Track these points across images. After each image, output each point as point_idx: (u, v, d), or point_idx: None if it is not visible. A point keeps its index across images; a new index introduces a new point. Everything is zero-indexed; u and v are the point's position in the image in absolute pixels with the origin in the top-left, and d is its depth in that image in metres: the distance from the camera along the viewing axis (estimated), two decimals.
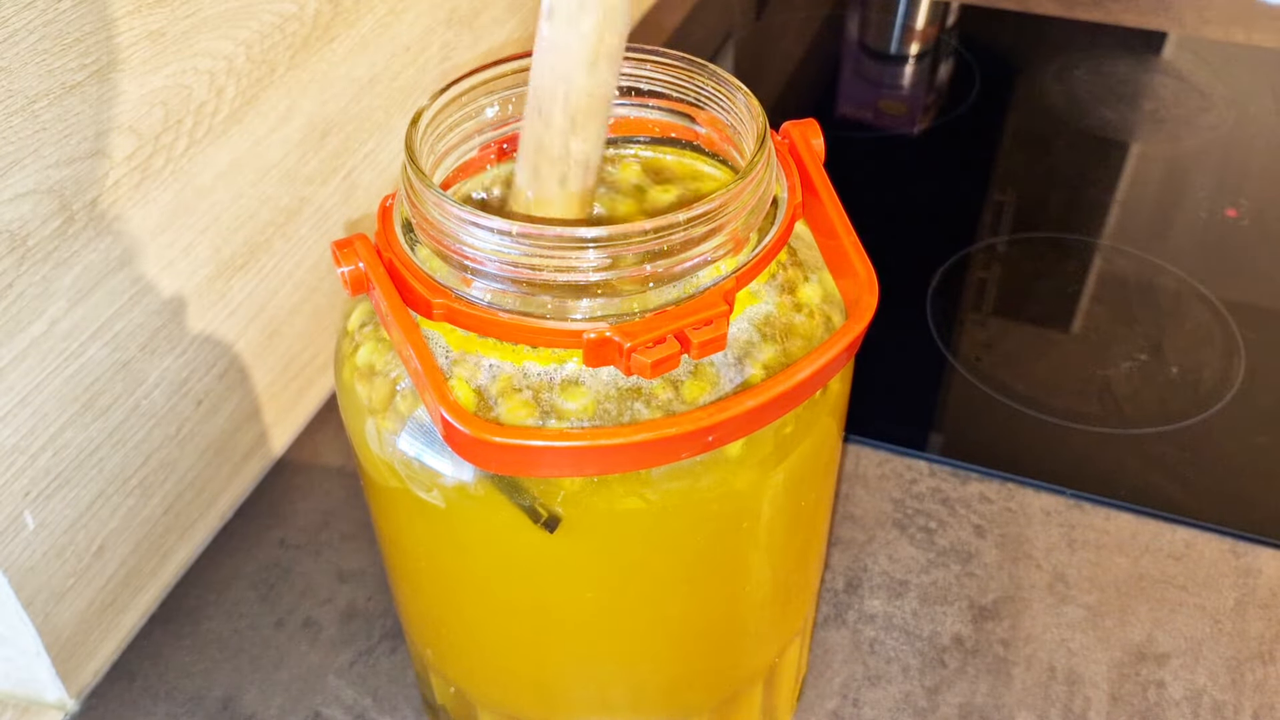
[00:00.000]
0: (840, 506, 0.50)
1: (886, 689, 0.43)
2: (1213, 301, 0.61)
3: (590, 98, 0.29)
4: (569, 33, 0.28)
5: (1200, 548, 0.48)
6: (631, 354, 0.27)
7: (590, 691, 0.35)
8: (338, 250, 0.29)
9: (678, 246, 0.27)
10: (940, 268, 0.64)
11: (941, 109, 0.80)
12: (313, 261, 0.52)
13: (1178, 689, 0.43)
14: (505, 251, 0.27)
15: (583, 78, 0.28)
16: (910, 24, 0.88)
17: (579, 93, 0.29)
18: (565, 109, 0.29)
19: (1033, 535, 0.49)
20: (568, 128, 0.29)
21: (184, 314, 0.45)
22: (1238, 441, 0.53)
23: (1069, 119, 0.77)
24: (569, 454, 0.27)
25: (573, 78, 0.28)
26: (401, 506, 0.32)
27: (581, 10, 0.28)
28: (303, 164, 0.49)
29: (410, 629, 0.38)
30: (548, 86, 0.29)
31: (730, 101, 0.31)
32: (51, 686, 0.43)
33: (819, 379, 0.28)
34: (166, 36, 0.40)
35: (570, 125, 0.29)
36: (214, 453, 0.49)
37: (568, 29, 0.28)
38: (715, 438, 0.27)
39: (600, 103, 0.29)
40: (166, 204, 0.42)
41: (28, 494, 0.39)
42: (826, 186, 0.32)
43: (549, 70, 0.29)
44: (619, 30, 0.28)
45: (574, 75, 0.28)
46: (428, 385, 0.27)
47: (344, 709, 0.43)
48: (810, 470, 0.32)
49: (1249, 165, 0.73)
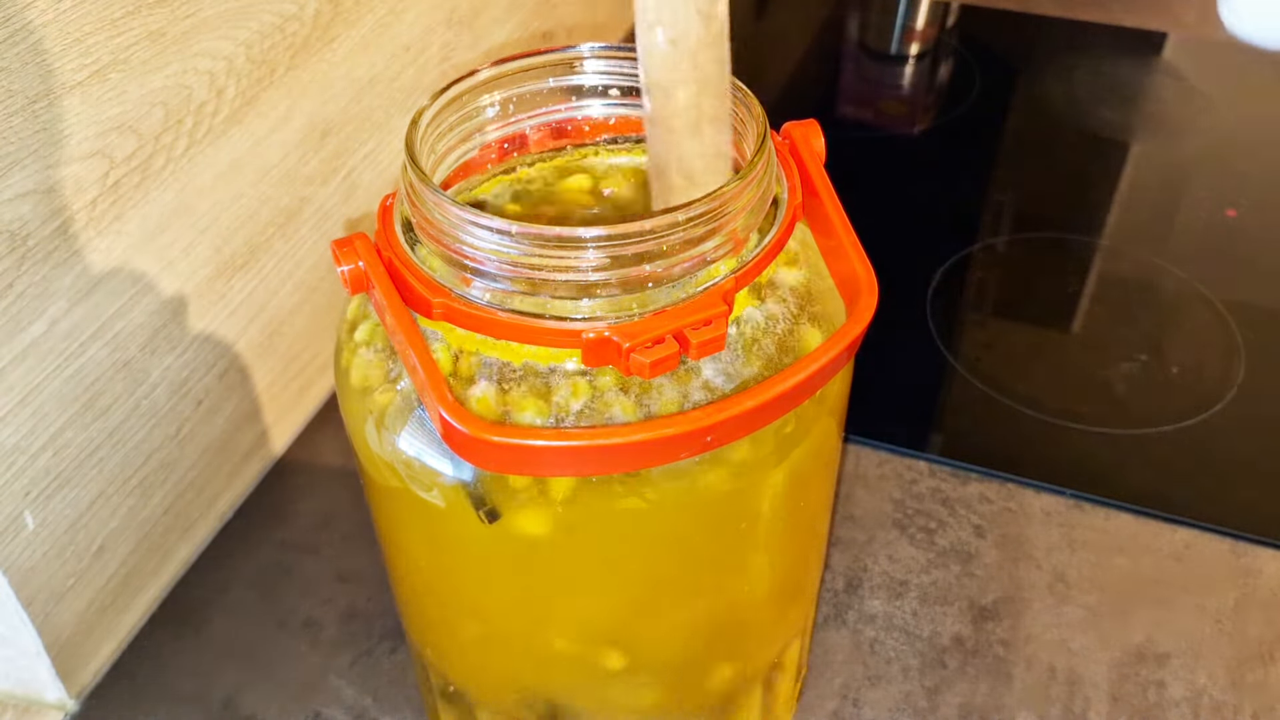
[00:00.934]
0: (840, 506, 0.50)
1: (886, 689, 0.43)
2: (1213, 301, 0.61)
3: (702, 158, 0.30)
4: (667, 107, 0.29)
5: (1200, 548, 0.48)
6: (630, 354, 0.27)
7: (589, 691, 0.35)
8: (338, 249, 0.29)
9: (677, 246, 0.27)
10: (940, 268, 0.64)
11: (941, 109, 0.80)
12: (313, 261, 0.52)
13: (1178, 689, 0.43)
14: (505, 251, 0.27)
15: (689, 144, 0.30)
16: (910, 24, 0.88)
17: (690, 156, 0.30)
18: (680, 171, 0.30)
19: (1033, 535, 0.49)
20: (688, 186, 0.30)
21: (184, 314, 0.45)
22: (1238, 441, 0.53)
23: (1069, 119, 0.77)
24: (568, 454, 0.27)
25: (680, 145, 0.30)
26: (402, 506, 0.32)
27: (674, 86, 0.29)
28: (303, 164, 0.49)
29: (410, 629, 0.38)
30: (661, 154, 0.30)
31: (730, 101, 0.31)
32: (51, 686, 0.43)
33: (818, 379, 0.28)
34: (167, 37, 0.40)
35: (690, 184, 0.30)
36: (214, 453, 0.49)
37: (665, 104, 0.29)
38: (714, 438, 0.27)
39: (714, 159, 0.30)
40: (167, 204, 0.42)
41: (28, 494, 0.39)
42: (827, 187, 0.32)
43: (658, 141, 0.30)
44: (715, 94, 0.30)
45: (681, 144, 0.30)
46: (427, 385, 0.27)
47: (344, 709, 0.43)
48: (810, 470, 0.32)
49: (1249, 165, 0.73)
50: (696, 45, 0.28)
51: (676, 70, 0.29)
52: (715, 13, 0.28)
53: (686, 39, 0.28)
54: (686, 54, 0.28)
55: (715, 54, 0.29)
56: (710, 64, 0.29)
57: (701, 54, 0.29)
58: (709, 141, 0.30)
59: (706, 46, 0.29)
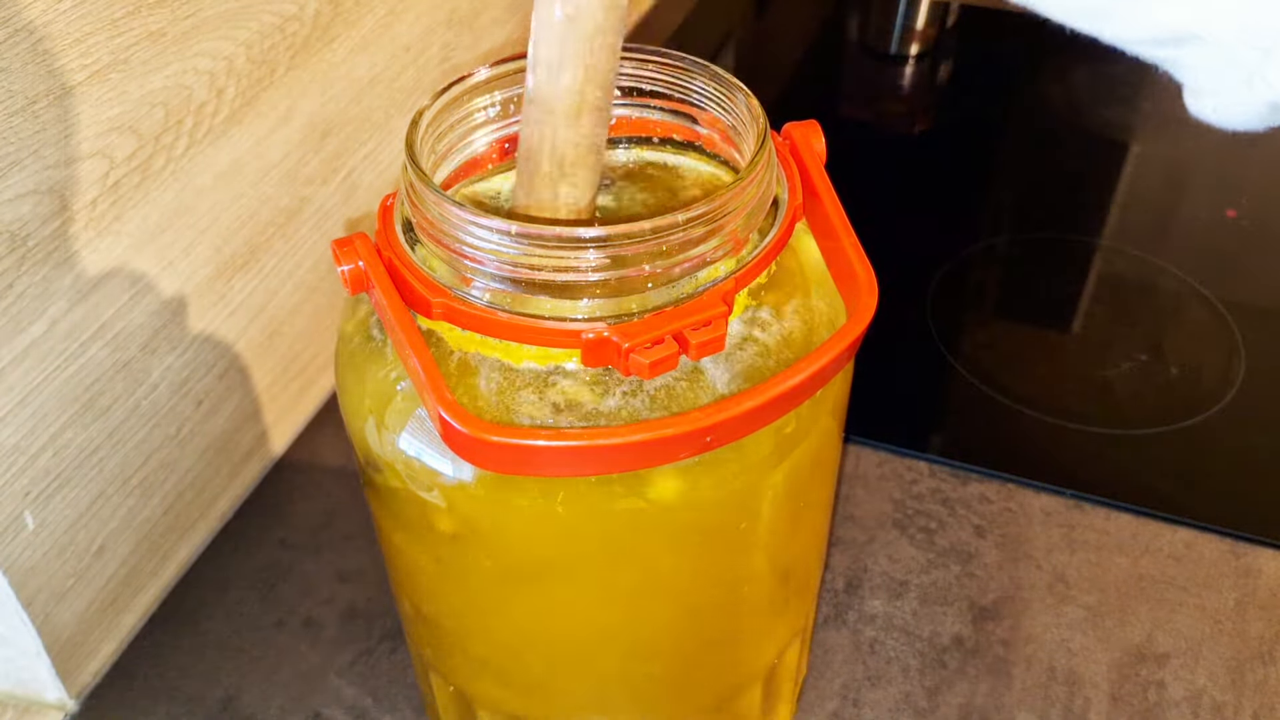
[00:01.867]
0: (840, 506, 0.50)
1: (886, 689, 0.43)
2: (1213, 301, 0.61)
3: (576, 148, 0.29)
4: (551, 86, 0.29)
5: (1200, 548, 0.48)
6: (630, 354, 0.27)
7: (588, 691, 0.35)
8: (338, 249, 0.30)
9: (677, 247, 0.27)
10: (940, 268, 0.64)
11: (941, 109, 0.80)
12: (313, 262, 0.52)
13: (1178, 689, 0.43)
14: (504, 251, 0.27)
15: (566, 130, 0.29)
16: (910, 24, 0.88)
17: (564, 143, 0.29)
18: (552, 157, 0.29)
19: (1033, 535, 0.49)
20: (556, 174, 0.30)
21: (184, 314, 0.45)
22: (1238, 441, 0.53)
23: (1069, 119, 0.77)
24: (566, 454, 0.27)
25: (557, 129, 0.29)
26: (402, 506, 0.32)
27: (562, 65, 0.28)
28: (303, 164, 0.49)
29: (410, 629, 0.38)
30: (534, 136, 0.30)
31: (731, 102, 0.31)
32: (51, 686, 0.43)
33: (817, 381, 0.28)
34: (167, 37, 0.40)
35: (559, 172, 0.29)
36: (214, 453, 0.49)
37: (550, 83, 0.29)
38: (713, 439, 0.27)
39: (586, 152, 0.30)
40: (167, 204, 0.42)
41: (28, 494, 0.39)
42: (827, 188, 0.32)
43: (534, 122, 0.29)
44: (601, 83, 0.29)
45: (558, 127, 0.29)
46: (426, 384, 0.27)
47: (344, 709, 0.43)
48: (810, 470, 0.32)
49: (1249, 165, 0.73)
50: (593, 28, 0.28)
51: (567, 48, 0.28)
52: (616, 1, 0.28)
53: (583, 18, 0.28)
54: (581, 35, 0.28)
55: (610, 41, 0.28)
56: (603, 50, 0.28)
57: (597, 38, 0.28)
58: (586, 130, 0.29)
59: (603, 31, 0.28)
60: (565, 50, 0.28)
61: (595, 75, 0.29)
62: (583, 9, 0.28)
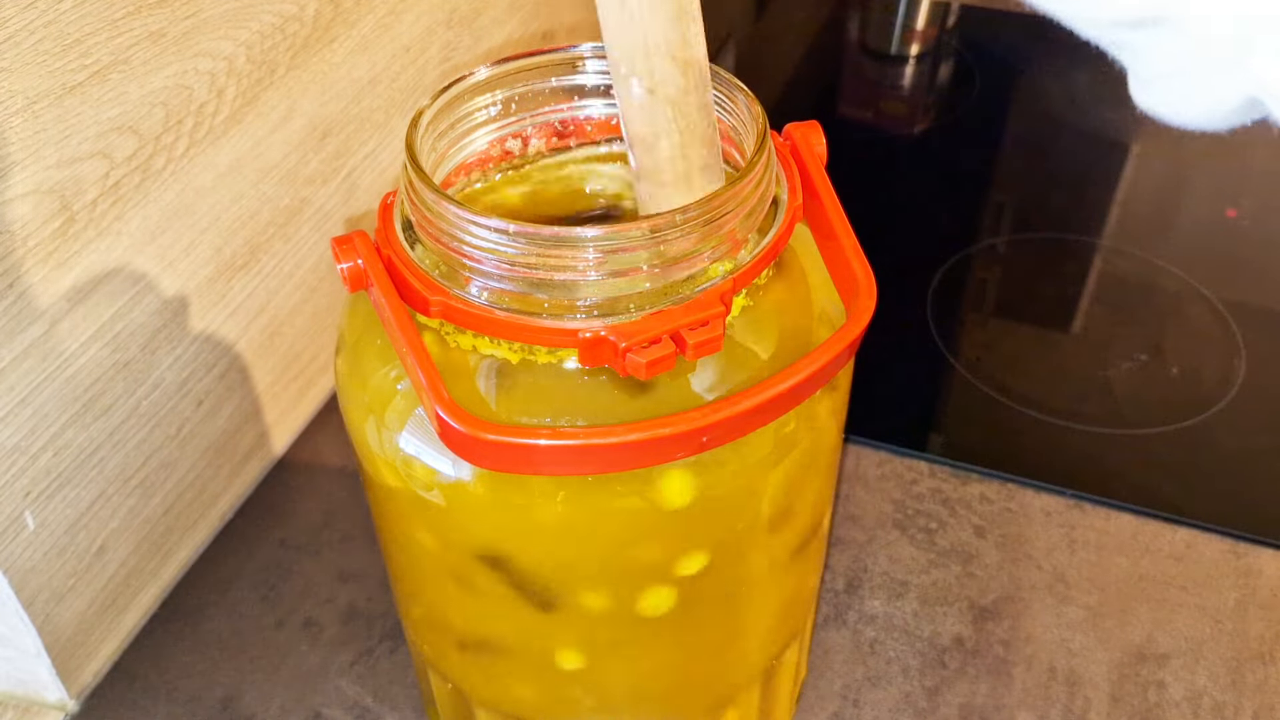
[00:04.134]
0: (840, 506, 0.50)
1: (887, 689, 0.43)
2: (1213, 301, 0.61)
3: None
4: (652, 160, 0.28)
5: (1200, 548, 0.48)
6: (627, 354, 0.27)
7: (587, 691, 0.35)
8: (337, 246, 0.30)
9: (674, 247, 0.27)
10: (940, 268, 0.64)
11: (941, 109, 0.80)
12: (313, 262, 0.52)
13: (1178, 689, 0.43)
14: (502, 250, 0.27)
15: (680, 198, 0.29)
16: (910, 24, 0.88)
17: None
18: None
19: (1033, 535, 0.49)
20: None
21: (185, 314, 0.45)
22: (1238, 441, 0.53)
23: (1069, 119, 0.77)
24: (563, 453, 0.27)
25: (672, 200, 0.29)
26: (402, 506, 0.32)
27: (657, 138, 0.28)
28: (303, 164, 0.49)
29: (409, 627, 0.38)
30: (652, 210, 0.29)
31: (731, 102, 0.31)
32: (52, 687, 0.43)
33: (814, 382, 0.28)
34: (167, 37, 0.40)
35: None
36: (214, 453, 0.49)
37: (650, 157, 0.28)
38: (710, 439, 0.27)
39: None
40: (167, 204, 0.42)
41: (28, 494, 0.39)
42: (827, 189, 0.32)
43: (649, 198, 0.29)
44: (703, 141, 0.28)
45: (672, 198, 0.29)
46: (424, 383, 0.27)
47: (344, 709, 0.43)
48: (810, 470, 0.32)
49: (1249, 165, 0.73)
50: (676, 93, 0.27)
51: (658, 121, 0.28)
52: (692, 58, 0.27)
53: (665, 87, 0.27)
54: (666, 102, 0.27)
55: (697, 100, 0.28)
56: (694, 111, 0.28)
57: (683, 101, 0.27)
58: (700, 191, 0.29)
59: (686, 93, 0.27)
60: (656, 124, 0.28)
61: (693, 137, 0.28)
62: (660, 80, 0.27)
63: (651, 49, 0.27)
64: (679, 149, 0.28)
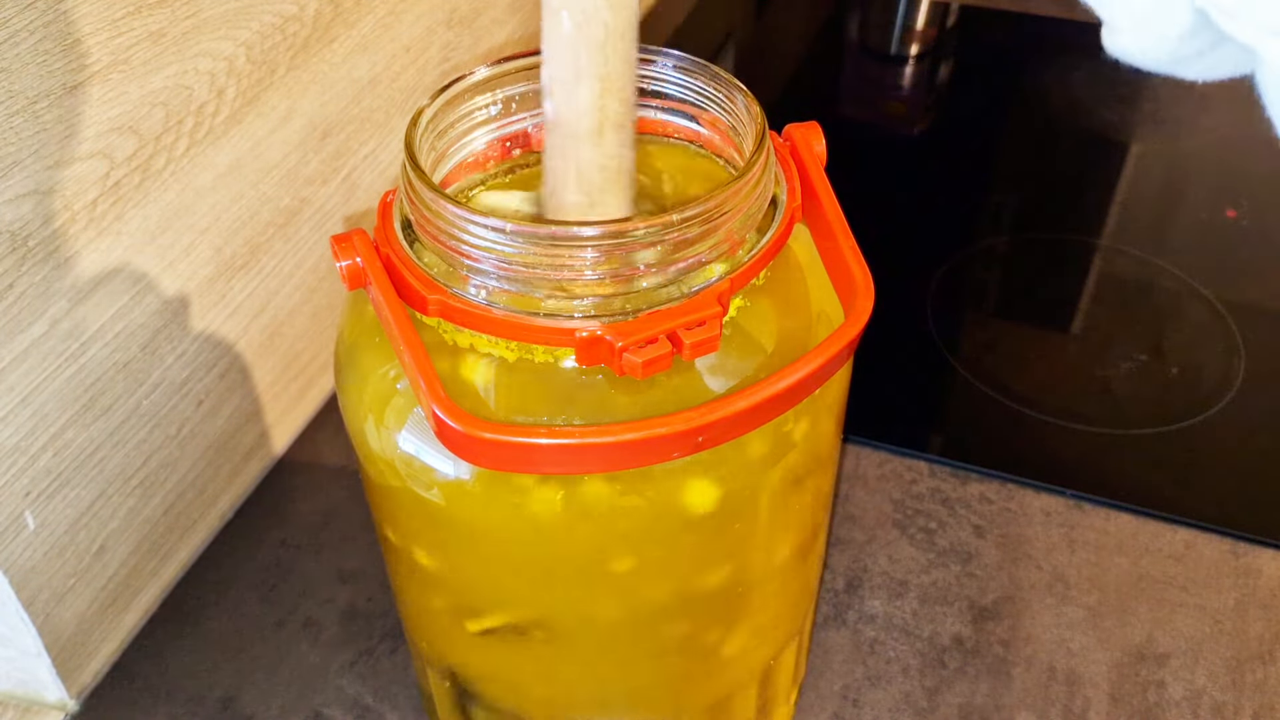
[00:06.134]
0: (840, 506, 0.50)
1: (886, 689, 0.43)
2: (1213, 301, 0.61)
3: (603, 171, 0.28)
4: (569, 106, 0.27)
5: (1200, 548, 0.48)
6: (623, 353, 0.27)
7: (585, 689, 0.35)
8: (336, 244, 0.30)
9: (672, 246, 0.27)
10: (940, 268, 0.64)
11: (941, 109, 0.80)
12: (313, 262, 0.52)
13: (1178, 689, 0.43)
14: (500, 249, 0.27)
15: (590, 151, 0.28)
16: (910, 24, 0.88)
17: (589, 166, 0.28)
18: (579, 185, 0.28)
19: (1033, 535, 0.49)
20: (585, 204, 0.28)
21: (185, 314, 0.45)
22: (1238, 441, 0.53)
23: (1069, 119, 0.77)
24: (560, 451, 0.27)
25: (580, 151, 0.28)
26: (402, 505, 0.32)
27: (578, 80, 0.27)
28: (303, 164, 0.49)
29: (410, 627, 0.38)
30: (559, 164, 0.28)
31: (730, 102, 0.32)
32: (52, 686, 0.43)
33: (811, 382, 0.28)
34: (167, 37, 0.40)
35: (588, 201, 0.28)
36: (215, 453, 0.49)
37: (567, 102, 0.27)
38: (705, 439, 0.27)
39: (615, 174, 0.28)
40: (167, 204, 0.42)
41: (28, 494, 0.39)
42: (826, 190, 0.32)
43: (557, 150, 0.28)
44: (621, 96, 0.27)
45: (581, 149, 0.28)
46: (421, 382, 0.27)
47: (344, 709, 0.43)
48: (809, 470, 0.32)
49: (1249, 165, 0.73)
50: (604, 33, 0.26)
51: (580, 61, 0.27)
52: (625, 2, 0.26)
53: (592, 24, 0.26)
54: (593, 44, 0.26)
55: (623, 48, 0.27)
56: (617, 58, 0.27)
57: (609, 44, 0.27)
58: (611, 149, 0.28)
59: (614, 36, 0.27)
60: (579, 63, 0.27)
61: (613, 87, 0.27)
62: (590, 14, 0.26)
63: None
64: (597, 97, 0.27)
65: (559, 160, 0.28)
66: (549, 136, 0.28)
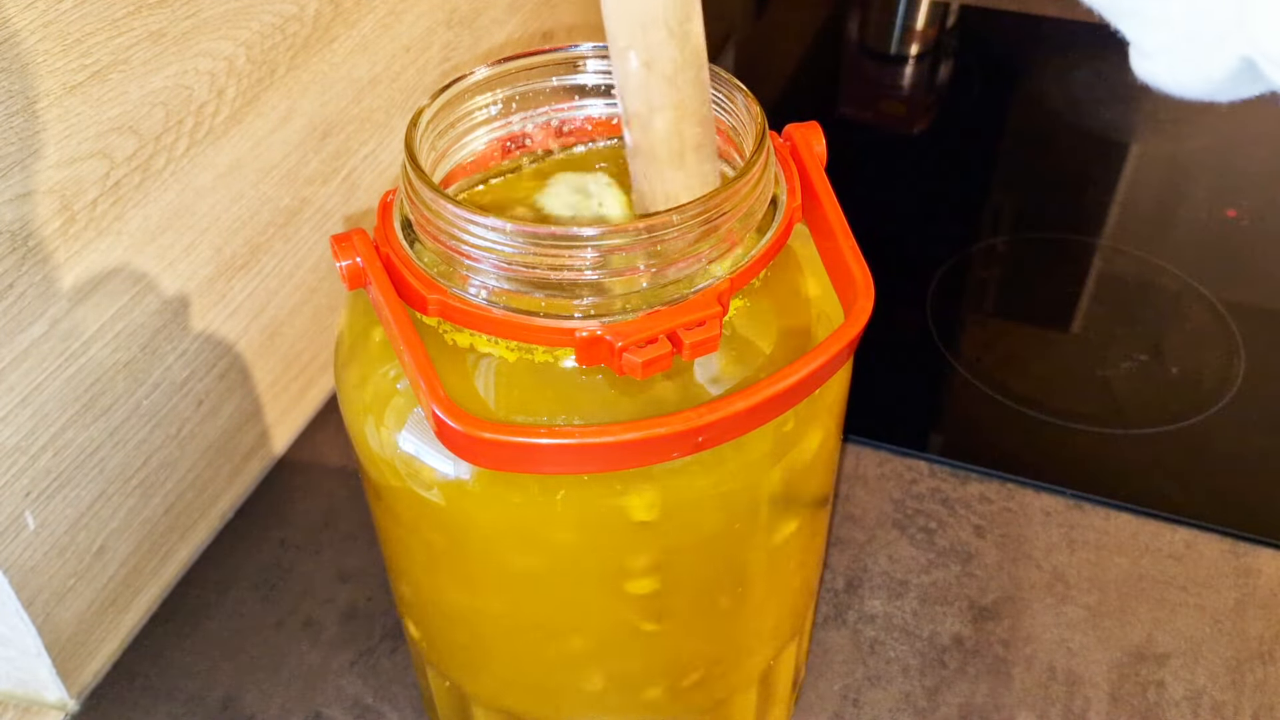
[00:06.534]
0: (840, 506, 0.50)
1: (886, 689, 0.43)
2: (1213, 301, 0.61)
3: (688, 190, 0.29)
4: (647, 137, 0.28)
5: (1200, 548, 0.48)
6: (623, 353, 0.27)
7: (585, 689, 0.35)
8: (336, 244, 0.30)
9: (671, 246, 0.27)
10: (940, 268, 0.64)
11: (941, 109, 0.80)
12: (313, 262, 0.52)
13: (1178, 689, 0.43)
14: (500, 249, 0.27)
15: (674, 174, 0.29)
16: (910, 24, 0.88)
17: (676, 188, 0.29)
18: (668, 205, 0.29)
19: (1033, 535, 0.49)
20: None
21: (185, 314, 0.45)
22: (1238, 441, 0.53)
23: (1069, 119, 0.77)
24: (559, 451, 0.27)
25: (664, 176, 0.29)
26: (402, 505, 0.32)
27: (652, 113, 0.28)
28: (303, 164, 0.49)
29: (409, 627, 0.38)
30: (645, 190, 0.29)
31: (730, 102, 0.32)
32: (52, 686, 0.43)
33: (811, 383, 0.28)
34: (167, 37, 0.40)
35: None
36: (215, 453, 0.49)
37: (644, 133, 0.28)
38: (705, 439, 0.27)
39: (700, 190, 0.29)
40: (167, 204, 0.42)
41: (28, 494, 0.39)
42: (826, 190, 0.32)
43: (642, 176, 0.29)
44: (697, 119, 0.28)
45: (665, 174, 0.29)
46: (421, 381, 0.27)
47: (345, 709, 0.43)
48: (809, 469, 0.32)
49: (1249, 165, 0.73)
50: (672, 68, 0.27)
51: (653, 96, 0.28)
52: (689, 31, 0.27)
53: (660, 62, 0.27)
54: (662, 77, 0.27)
55: (693, 76, 0.28)
56: (689, 86, 0.28)
57: (679, 76, 0.27)
58: (693, 170, 0.29)
59: (683, 68, 0.27)
60: (651, 97, 0.28)
61: (688, 113, 0.28)
62: (657, 53, 0.27)
63: (650, 22, 0.27)
64: (673, 125, 0.28)
65: (646, 184, 0.29)
66: (634, 163, 0.29)
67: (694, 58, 0.28)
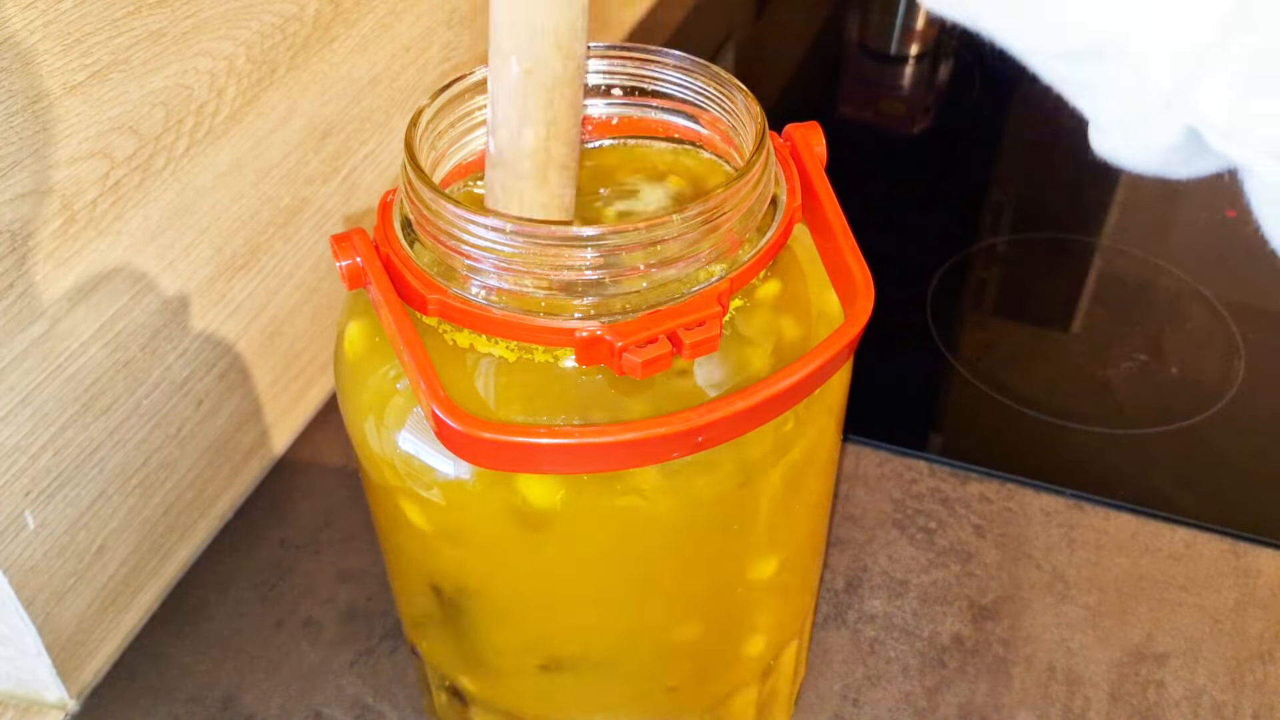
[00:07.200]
0: (840, 506, 0.50)
1: (886, 689, 0.43)
2: (1213, 301, 0.61)
3: (545, 209, 0.29)
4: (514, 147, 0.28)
5: (1200, 548, 0.48)
6: (623, 353, 0.27)
7: (584, 689, 0.35)
8: (335, 244, 0.30)
9: (671, 246, 0.27)
10: (940, 268, 0.64)
11: (941, 109, 0.80)
12: (313, 262, 0.52)
13: (1178, 689, 0.43)
14: (500, 249, 0.27)
15: (534, 192, 0.28)
16: (910, 24, 0.88)
17: (533, 206, 0.29)
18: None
19: (1033, 535, 0.49)
20: None
21: (185, 314, 0.45)
22: (1238, 441, 0.53)
23: (1069, 119, 0.77)
24: (559, 451, 0.27)
25: (524, 192, 0.28)
26: (402, 505, 0.32)
27: (524, 123, 0.27)
28: (303, 164, 0.49)
29: (409, 627, 0.38)
30: (501, 201, 0.29)
31: (730, 102, 0.32)
32: (52, 686, 0.43)
33: (811, 383, 0.28)
34: (167, 37, 0.40)
35: None
36: (214, 453, 0.49)
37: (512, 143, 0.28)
38: (705, 439, 0.27)
39: (556, 211, 0.29)
40: (167, 204, 0.42)
41: (28, 494, 0.39)
42: (826, 190, 0.32)
43: (500, 187, 0.29)
44: (566, 139, 0.28)
45: (525, 190, 0.28)
46: (420, 381, 0.27)
47: (344, 709, 0.43)
48: (809, 470, 0.32)
49: None
50: (553, 81, 0.27)
51: (528, 106, 0.27)
52: (575, 51, 0.27)
53: (542, 72, 0.27)
54: (541, 88, 0.27)
55: (570, 94, 0.28)
56: (563, 104, 0.28)
57: (557, 91, 0.27)
58: (554, 191, 0.29)
59: (562, 84, 0.27)
60: (526, 107, 0.27)
61: (559, 131, 0.28)
62: (540, 61, 0.27)
63: (540, 31, 0.27)
64: (542, 141, 0.28)
65: (501, 197, 0.29)
66: (491, 171, 0.29)
67: (574, 77, 0.28)
